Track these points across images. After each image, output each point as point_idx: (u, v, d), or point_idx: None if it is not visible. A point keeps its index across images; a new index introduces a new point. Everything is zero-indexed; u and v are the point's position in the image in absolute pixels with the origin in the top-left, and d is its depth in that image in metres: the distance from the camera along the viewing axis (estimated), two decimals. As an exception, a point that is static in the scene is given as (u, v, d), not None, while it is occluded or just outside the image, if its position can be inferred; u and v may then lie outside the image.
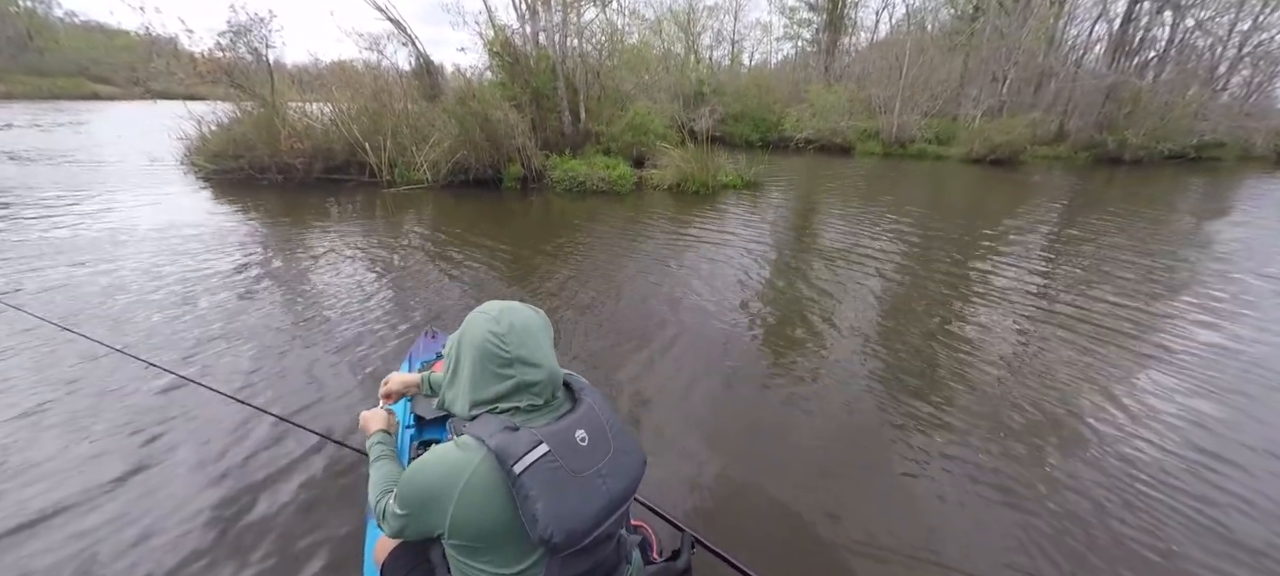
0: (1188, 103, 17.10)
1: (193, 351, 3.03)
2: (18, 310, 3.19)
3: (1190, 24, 18.33)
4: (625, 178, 8.77)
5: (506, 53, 9.29)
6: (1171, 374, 3.13)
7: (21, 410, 2.42)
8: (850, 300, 4.15)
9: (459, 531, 0.83)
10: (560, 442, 0.84)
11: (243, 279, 4.19)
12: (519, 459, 0.79)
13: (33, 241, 4.93)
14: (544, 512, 0.78)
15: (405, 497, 0.87)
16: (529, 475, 0.79)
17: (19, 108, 23.78)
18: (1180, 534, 1.95)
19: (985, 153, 15.43)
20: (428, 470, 0.85)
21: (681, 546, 1.13)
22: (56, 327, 2.82)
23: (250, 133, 8.02)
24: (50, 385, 2.61)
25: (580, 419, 0.89)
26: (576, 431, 0.87)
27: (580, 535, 0.82)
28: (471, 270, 4.64)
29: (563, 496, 0.81)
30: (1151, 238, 6.58)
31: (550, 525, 0.79)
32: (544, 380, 0.91)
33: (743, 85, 21.78)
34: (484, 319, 0.92)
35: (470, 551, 0.86)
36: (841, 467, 2.26)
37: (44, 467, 2.06)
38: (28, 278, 4.04)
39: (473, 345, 0.91)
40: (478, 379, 0.90)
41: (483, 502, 0.81)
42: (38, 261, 4.39)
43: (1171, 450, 2.42)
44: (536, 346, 0.91)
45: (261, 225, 5.96)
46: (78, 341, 2.87)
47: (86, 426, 2.32)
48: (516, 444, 0.81)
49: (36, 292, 3.76)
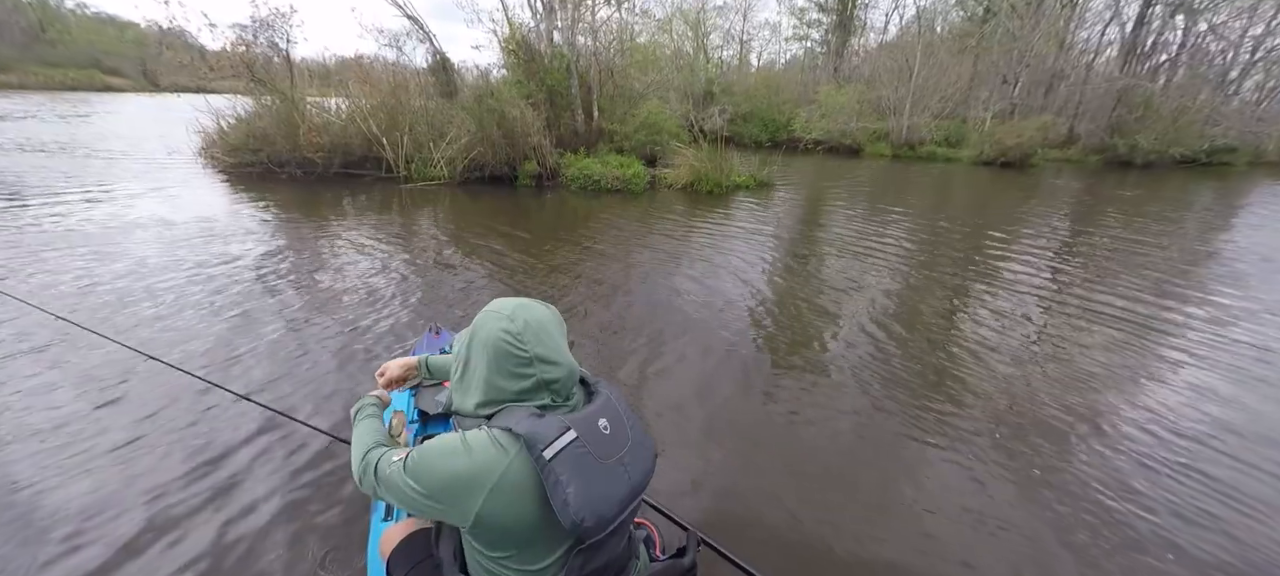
0: (1199, 107, 17.02)
1: (210, 346, 3.06)
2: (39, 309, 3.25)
3: (1203, 28, 18.25)
4: (639, 177, 8.84)
5: (522, 50, 9.37)
6: (1187, 376, 3.16)
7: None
8: (861, 303, 4.18)
9: (484, 525, 0.83)
10: (586, 429, 0.85)
11: (260, 271, 4.28)
12: (549, 443, 0.80)
13: (56, 234, 5.04)
14: (575, 497, 0.79)
15: (425, 477, 0.84)
16: (559, 460, 0.80)
17: (35, 99, 23.99)
18: (1195, 539, 1.97)
19: (996, 155, 15.41)
20: (456, 458, 0.83)
21: (687, 544, 1.12)
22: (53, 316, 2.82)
23: (270, 127, 8.12)
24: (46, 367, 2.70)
25: (600, 409, 0.90)
26: (599, 420, 0.88)
27: (608, 520, 0.83)
28: (488, 267, 4.70)
29: (591, 481, 0.81)
30: (1164, 240, 6.61)
31: (582, 509, 0.79)
32: (564, 377, 0.90)
33: (751, 85, 21.80)
34: (497, 318, 0.91)
35: (492, 544, 0.86)
36: (848, 470, 2.26)
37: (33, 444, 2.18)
38: (54, 276, 4.14)
39: (486, 345, 0.89)
40: (493, 378, 0.89)
41: (514, 500, 0.81)
42: (61, 256, 4.50)
43: (1187, 454, 2.42)
44: (553, 343, 0.91)
45: (281, 219, 6.06)
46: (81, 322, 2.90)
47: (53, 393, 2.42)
48: (547, 429, 0.82)
49: (47, 287, 3.86)
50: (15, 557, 1.69)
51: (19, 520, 1.82)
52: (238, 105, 8.74)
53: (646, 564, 1.07)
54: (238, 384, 2.66)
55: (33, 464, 2.07)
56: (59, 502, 1.90)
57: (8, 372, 2.66)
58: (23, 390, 2.53)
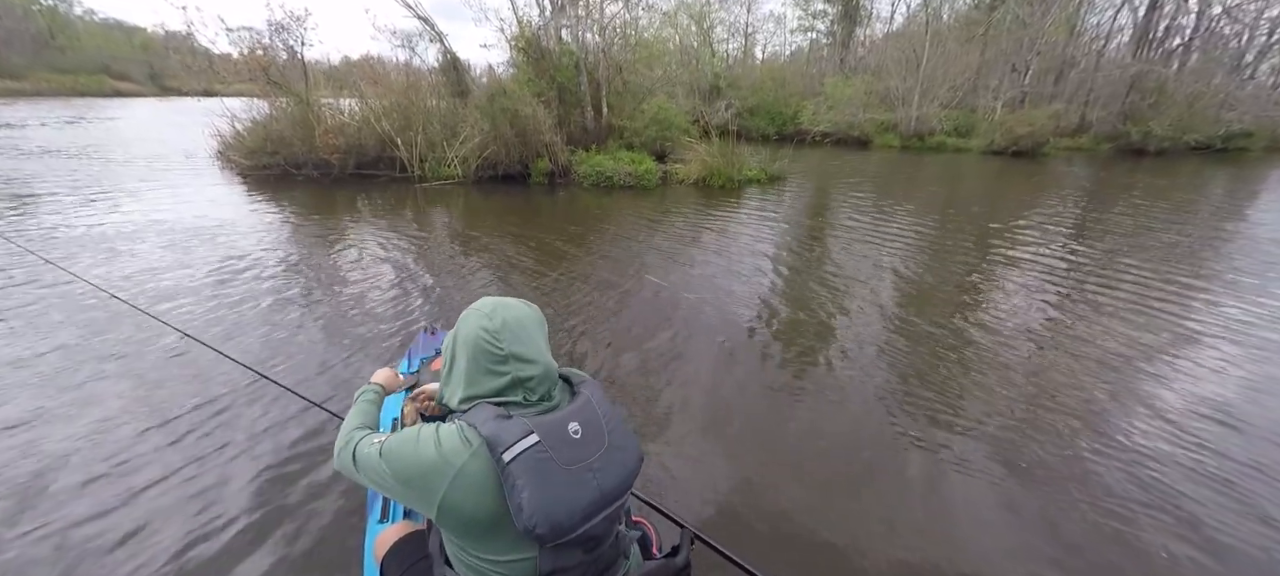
0: (1214, 92, 16.79)
1: (239, 335, 3.25)
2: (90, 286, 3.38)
3: (1217, 11, 17.99)
4: (651, 172, 8.87)
5: (532, 48, 9.41)
6: (1203, 370, 3.10)
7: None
8: (868, 299, 4.16)
9: (448, 516, 0.84)
10: (552, 433, 0.84)
11: (281, 269, 4.39)
12: (509, 447, 0.80)
13: (78, 235, 5.15)
14: (529, 502, 0.78)
15: (397, 463, 0.87)
16: (517, 464, 0.79)
17: (46, 104, 24.32)
18: (1218, 540, 1.96)
19: (1007, 144, 15.30)
20: (427, 447, 0.84)
21: (681, 542, 1.11)
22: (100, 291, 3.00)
23: (287, 130, 8.22)
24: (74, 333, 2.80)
25: (575, 411, 0.89)
26: (570, 424, 0.86)
27: (565, 528, 0.82)
28: (501, 265, 4.75)
29: (549, 487, 0.80)
30: (1180, 227, 6.57)
31: (535, 515, 0.79)
32: (539, 376, 0.90)
33: (758, 78, 21.72)
34: (477, 316, 0.92)
35: (464, 536, 0.88)
36: (850, 468, 2.24)
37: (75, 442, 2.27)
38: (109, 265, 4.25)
39: (467, 342, 0.91)
40: (473, 375, 0.90)
41: (474, 492, 0.82)
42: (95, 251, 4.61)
43: (1200, 450, 2.36)
44: (530, 342, 0.91)
45: (299, 219, 6.16)
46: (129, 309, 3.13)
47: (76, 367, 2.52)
48: (508, 432, 0.81)
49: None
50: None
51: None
52: (253, 108, 8.84)
53: (639, 563, 1.06)
54: (256, 363, 2.74)
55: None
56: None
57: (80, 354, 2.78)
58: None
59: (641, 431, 2.42)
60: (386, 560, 1.17)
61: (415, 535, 1.22)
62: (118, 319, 3.31)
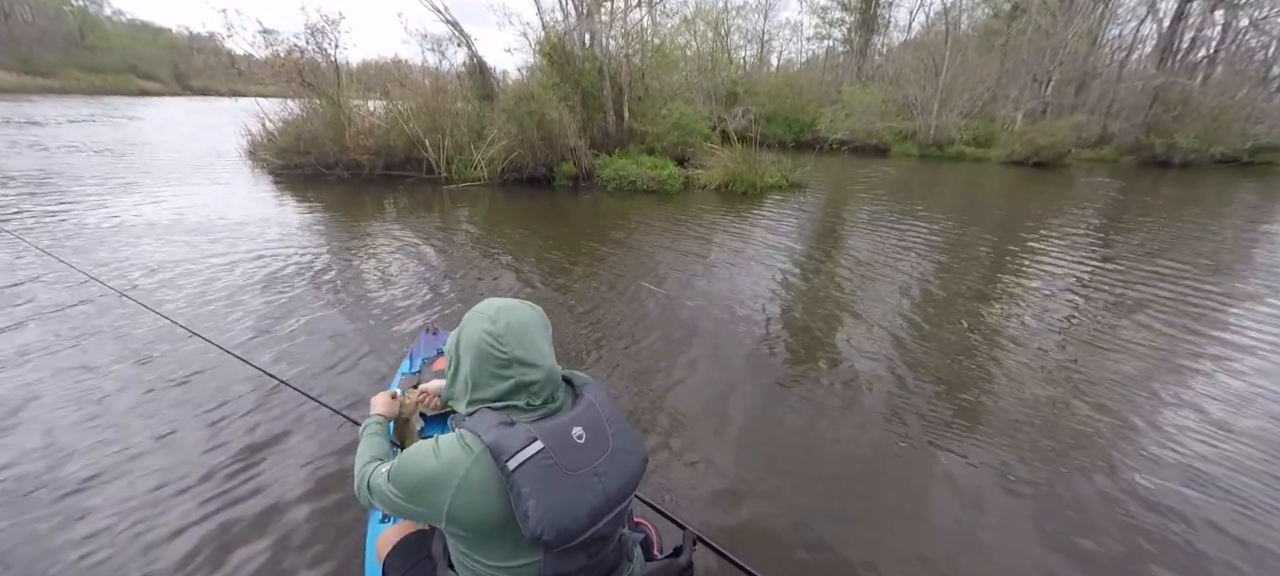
0: (1240, 104, 16.55)
1: (251, 334, 3.28)
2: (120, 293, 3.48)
3: (1244, 23, 17.75)
4: (674, 177, 8.94)
5: (557, 53, 9.54)
6: (1220, 385, 3.02)
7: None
8: (883, 307, 4.13)
9: (455, 523, 0.84)
10: (556, 439, 0.83)
11: (312, 268, 4.46)
12: (513, 455, 0.80)
13: (102, 231, 5.31)
14: (536, 509, 0.79)
15: (401, 481, 0.88)
16: (522, 472, 0.79)
17: (76, 102, 24.92)
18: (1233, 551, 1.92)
19: (1028, 155, 15.18)
20: (427, 459, 0.85)
21: (683, 543, 1.11)
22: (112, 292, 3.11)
23: (319, 130, 8.40)
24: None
25: (579, 416, 0.89)
26: (573, 429, 0.86)
27: (572, 533, 0.82)
28: (525, 267, 4.80)
29: (555, 494, 0.80)
30: (1204, 241, 6.49)
31: (541, 522, 0.79)
32: (542, 379, 0.90)
33: (774, 85, 21.76)
34: (480, 319, 0.91)
35: (469, 542, 0.88)
36: (856, 474, 2.24)
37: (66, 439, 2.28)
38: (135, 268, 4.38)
39: (470, 345, 0.90)
40: (477, 379, 0.90)
41: (479, 498, 0.82)
42: (122, 248, 4.75)
43: (1235, 468, 2.31)
44: (534, 346, 0.90)
45: (331, 217, 6.29)
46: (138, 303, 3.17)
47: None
48: (511, 440, 0.81)
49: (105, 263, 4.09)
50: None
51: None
52: (285, 108, 9.04)
53: (642, 564, 1.06)
54: (272, 365, 2.81)
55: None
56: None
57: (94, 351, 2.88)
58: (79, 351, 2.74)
59: (647, 433, 2.44)
60: (388, 560, 1.18)
61: (417, 535, 1.22)
62: (138, 320, 3.28)
